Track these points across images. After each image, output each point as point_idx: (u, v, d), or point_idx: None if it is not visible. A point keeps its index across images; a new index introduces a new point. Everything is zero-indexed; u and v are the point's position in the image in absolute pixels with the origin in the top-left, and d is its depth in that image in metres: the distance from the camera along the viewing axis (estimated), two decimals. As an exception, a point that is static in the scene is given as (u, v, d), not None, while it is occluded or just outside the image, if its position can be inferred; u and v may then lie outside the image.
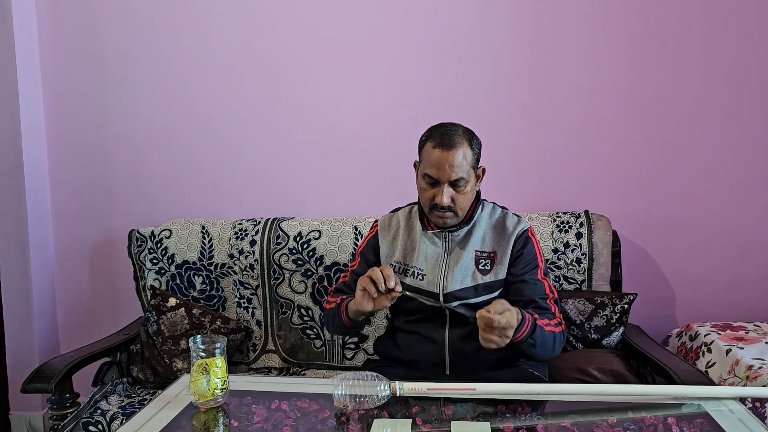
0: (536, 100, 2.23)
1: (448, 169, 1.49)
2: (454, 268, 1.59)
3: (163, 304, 2.10)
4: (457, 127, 1.56)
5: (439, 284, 1.59)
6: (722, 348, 1.81)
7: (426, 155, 1.54)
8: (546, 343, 1.47)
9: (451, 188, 1.52)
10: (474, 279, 1.58)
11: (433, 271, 1.60)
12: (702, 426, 1.16)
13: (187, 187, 2.42)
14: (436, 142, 1.52)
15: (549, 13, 2.19)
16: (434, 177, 1.51)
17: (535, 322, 1.44)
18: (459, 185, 1.52)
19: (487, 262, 1.59)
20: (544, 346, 1.47)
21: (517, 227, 1.62)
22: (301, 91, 2.32)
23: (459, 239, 1.61)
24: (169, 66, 2.37)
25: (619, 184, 2.22)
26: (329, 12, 2.28)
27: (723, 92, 2.16)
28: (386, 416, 1.22)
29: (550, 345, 1.49)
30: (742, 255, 2.20)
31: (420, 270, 1.61)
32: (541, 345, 1.46)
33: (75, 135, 2.44)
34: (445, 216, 1.55)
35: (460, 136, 1.52)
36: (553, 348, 1.51)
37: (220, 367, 1.27)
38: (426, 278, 1.60)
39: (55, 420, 1.80)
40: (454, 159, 1.49)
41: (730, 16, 2.13)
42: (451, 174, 1.50)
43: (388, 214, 1.75)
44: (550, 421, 1.21)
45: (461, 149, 1.50)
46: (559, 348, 1.53)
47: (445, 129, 1.54)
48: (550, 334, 1.48)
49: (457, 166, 1.49)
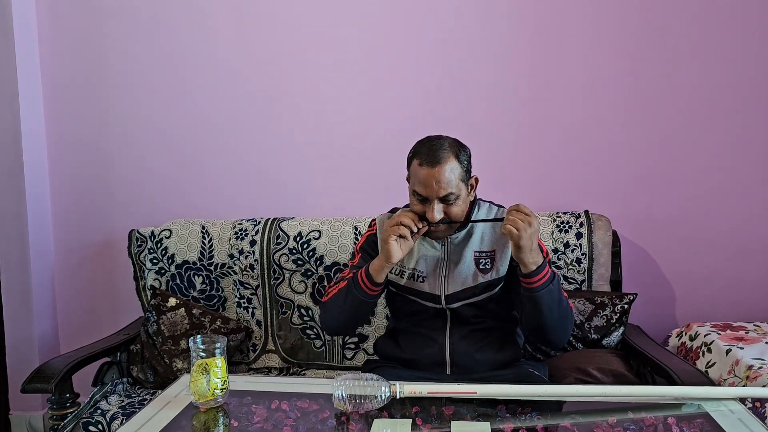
0: (536, 100, 2.23)
1: (435, 185, 1.46)
2: (454, 270, 1.58)
3: (163, 304, 2.10)
4: (443, 141, 1.52)
5: (440, 287, 1.58)
6: (722, 348, 1.81)
7: (414, 173, 1.52)
8: (563, 306, 1.48)
9: (442, 203, 1.49)
10: (475, 279, 1.58)
11: (434, 274, 1.59)
12: (702, 426, 1.16)
13: (187, 187, 2.42)
14: (422, 159, 1.49)
15: (549, 13, 2.19)
16: (423, 195, 1.49)
17: (554, 274, 1.46)
18: (449, 200, 1.49)
19: (488, 261, 1.59)
20: (561, 305, 1.47)
21: None
22: (301, 91, 2.32)
23: (458, 242, 1.60)
24: (169, 66, 2.37)
25: (619, 184, 2.22)
26: (329, 12, 2.28)
27: (723, 92, 2.16)
28: (386, 416, 1.22)
29: (567, 312, 1.49)
30: (742, 255, 2.20)
31: (420, 272, 1.60)
32: (558, 302, 1.46)
33: (75, 135, 2.44)
34: (438, 230, 1.53)
35: (446, 150, 1.48)
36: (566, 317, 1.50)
37: (220, 367, 1.27)
38: (427, 281, 1.60)
39: (55, 420, 1.80)
40: (441, 175, 1.46)
41: (730, 15, 2.13)
42: (440, 191, 1.47)
43: (387, 214, 1.73)
44: (550, 421, 1.21)
45: (447, 164, 1.47)
46: (570, 324, 1.53)
47: (430, 145, 1.51)
48: (565, 300, 1.49)
49: (445, 182, 1.46)
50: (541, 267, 1.43)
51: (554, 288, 1.45)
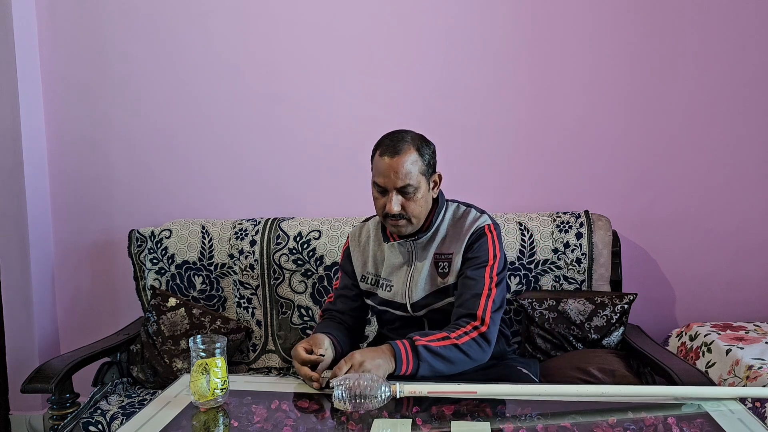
0: (536, 100, 2.23)
1: (393, 176, 1.46)
2: (417, 276, 1.56)
3: (163, 304, 2.10)
4: (405, 134, 1.51)
5: (405, 295, 1.57)
6: (722, 348, 1.81)
7: (375, 164, 1.51)
8: (448, 358, 1.39)
9: (400, 195, 1.48)
10: (434, 284, 1.55)
11: (399, 282, 1.58)
12: (702, 426, 1.16)
13: (188, 187, 2.42)
14: (383, 150, 1.49)
15: (548, 12, 2.19)
16: (381, 185, 1.49)
17: (414, 346, 1.37)
18: (408, 192, 1.47)
19: (445, 264, 1.54)
20: (448, 361, 1.39)
21: (474, 224, 1.54)
22: (301, 91, 2.32)
23: (421, 247, 1.57)
24: (169, 66, 2.37)
25: (619, 184, 2.22)
26: (330, 12, 2.28)
27: (723, 92, 2.16)
28: (386, 416, 1.22)
29: (456, 357, 1.40)
30: (742, 255, 2.20)
31: (388, 281, 1.59)
32: (442, 362, 1.39)
33: (75, 135, 2.44)
34: (398, 224, 1.51)
35: (407, 143, 1.48)
36: (467, 356, 1.41)
37: (220, 367, 1.27)
38: (393, 289, 1.58)
39: (55, 420, 1.81)
40: (400, 166, 1.46)
41: (730, 15, 2.12)
42: (397, 181, 1.46)
43: (359, 225, 1.73)
44: (550, 421, 1.21)
45: (408, 156, 1.46)
46: (475, 354, 1.43)
47: (392, 137, 1.51)
48: (446, 348, 1.39)
49: (403, 173, 1.46)
50: (398, 366, 1.36)
51: (425, 369, 1.38)
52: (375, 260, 1.63)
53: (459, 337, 1.42)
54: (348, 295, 1.67)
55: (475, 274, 1.50)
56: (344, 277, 1.69)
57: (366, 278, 1.64)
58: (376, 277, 1.62)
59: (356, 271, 1.66)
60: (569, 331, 1.93)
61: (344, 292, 1.68)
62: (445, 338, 1.41)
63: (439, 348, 1.40)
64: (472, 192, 1.96)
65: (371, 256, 1.64)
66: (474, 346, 1.43)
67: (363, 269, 1.66)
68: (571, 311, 1.94)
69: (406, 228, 1.52)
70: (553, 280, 2.04)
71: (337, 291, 1.70)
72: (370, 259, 1.64)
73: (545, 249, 2.04)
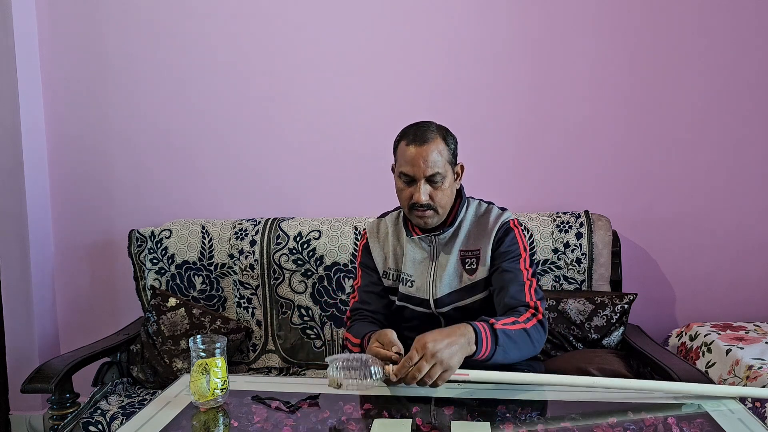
0: (537, 101, 2.23)
1: (423, 164, 1.46)
2: (441, 272, 1.54)
3: (163, 304, 2.10)
4: (430, 123, 1.53)
5: (428, 290, 1.55)
6: (722, 348, 1.81)
7: (401, 154, 1.51)
8: (519, 344, 1.36)
9: (428, 185, 1.47)
10: (462, 281, 1.54)
11: (422, 277, 1.56)
12: (702, 426, 1.16)
13: (188, 187, 2.42)
14: (409, 139, 1.49)
15: (550, 13, 2.19)
16: (410, 174, 1.48)
17: (493, 329, 1.33)
18: (436, 181, 1.47)
19: (473, 260, 1.54)
20: (518, 347, 1.36)
21: (499, 219, 1.54)
22: (301, 91, 2.32)
23: (444, 242, 1.56)
24: (169, 66, 2.37)
25: (619, 184, 2.22)
26: (330, 13, 2.28)
27: (723, 92, 2.16)
28: (386, 416, 1.22)
29: (524, 342, 1.38)
30: (742, 255, 2.20)
31: (409, 276, 1.57)
32: (514, 348, 1.36)
33: (75, 135, 2.44)
34: (425, 215, 1.50)
35: (433, 131, 1.49)
36: (531, 343, 1.39)
37: (220, 367, 1.27)
38: (415, 285, 1.56)
39: (55, 420, 1.81)
40: (428, 154, 1.46)
41: (731, 16, 2.13)
42: (426, 169, 1.46)
43: (375, 220, 1.70)
44: (550, 421, 1.21)
45: (435, 144, 1.47)
46: (538, 340, 1.41)
47: (417, 127, 1.51)
48: (518, 332, 1.37)
49: (432, 161, 1.46)
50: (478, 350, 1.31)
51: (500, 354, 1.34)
52: (395, 255, 1.61)
53: (527, 320, 1.40)
54: (376, 292, 1.62)
55: (511, 266, 1.50)
56: (366, 274, 1.64)
57: (388, 274, 1.61)
58: (397, 272, 1.60)
59: (378, 266, 1.63)
60: (569, 330, 1.93)
61: (371, 289, 1.63)
62: (515, 322, 1.38)
63: (513, 332, 1.36)
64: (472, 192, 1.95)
65: (391, 251, 1.62)
66: (539, 331, 1.42)
67: (384, 265, 1.63)
68: (571, 311, 1.94)
69: (432, 219, 1.51)
70: (553, 280, 2.04)
71: (361, 289, 1.64)
72: (390, 254, 1.61)
73: (545, 249, 2.04)
